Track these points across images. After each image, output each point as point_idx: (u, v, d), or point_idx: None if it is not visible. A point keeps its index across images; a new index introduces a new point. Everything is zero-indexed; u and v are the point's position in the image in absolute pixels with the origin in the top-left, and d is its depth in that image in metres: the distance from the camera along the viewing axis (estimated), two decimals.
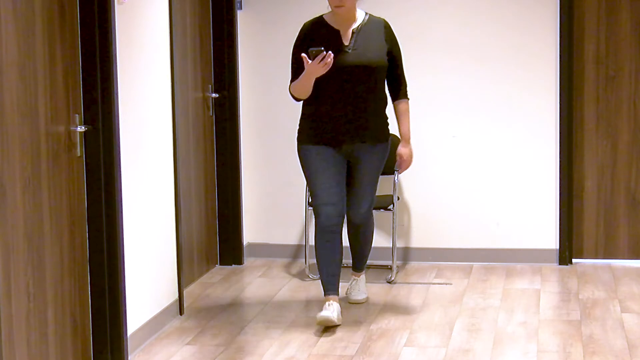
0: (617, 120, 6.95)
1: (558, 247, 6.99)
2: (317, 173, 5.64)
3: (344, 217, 5.71)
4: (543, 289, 6.39)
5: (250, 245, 7.23)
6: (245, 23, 7.06)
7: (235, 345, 5.33)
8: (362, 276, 6.19)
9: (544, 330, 5.55)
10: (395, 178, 6.68)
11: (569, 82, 6.87)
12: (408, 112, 5.81)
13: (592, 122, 6.97)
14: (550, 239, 7.00)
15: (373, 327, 5.64)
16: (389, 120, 5.77)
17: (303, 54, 5.34)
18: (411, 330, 5.57)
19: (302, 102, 5.66)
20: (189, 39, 6.45)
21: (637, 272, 6.77)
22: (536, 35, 6.88)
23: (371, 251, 6.14)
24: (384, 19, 5.69)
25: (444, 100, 7.00)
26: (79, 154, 4.71)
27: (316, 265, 5.79)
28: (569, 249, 6.99)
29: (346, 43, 5.56)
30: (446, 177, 7.05)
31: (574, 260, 7.02)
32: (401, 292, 6.37)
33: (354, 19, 5.61)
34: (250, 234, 7.24)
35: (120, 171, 4.87)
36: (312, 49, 5.28)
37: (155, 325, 5.48)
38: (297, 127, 5.74)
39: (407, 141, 5.82)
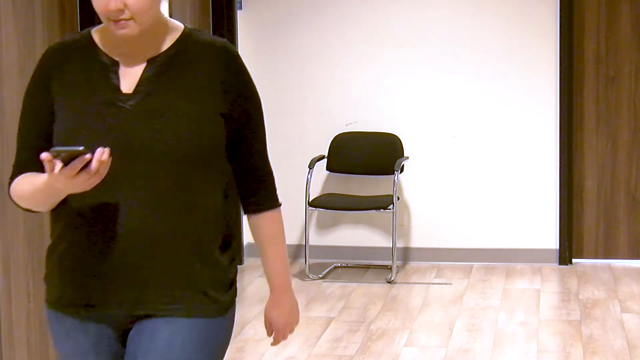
0: (617, 120, 6.95)
1: (558, 247, 6.99)
2: None
3: None
4: (543, 289, 6.39)
5: (250, 245, 7.23)
6: (245, 23, 7.07)
7: (235, 345, 5.33)
8: None
9: (544, 330, 5.55)
10: (395, 178, 6.67)
11: (569, 82, 6.87)
12: (281, 235, 2.77)
13: (592, 122, 6.97)
14: (550, 239, 7.00)
15: (373, 327, 5.64)
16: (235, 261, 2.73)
17: (44, 155, 2.25)
18: (411, 330, 5.57)
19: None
20: None
21: (637, 272, 6.77)
22: (536, 35, 6.88)
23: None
24: (224, 44, 2.54)
25: (444, 100, 7.00)
26: None
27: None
28: (569, 249, 6.99)
29: (126, 90, 2.46)
30: (446, 177, 7.05)
31: (574, 260, 7.02)
32: (401, 292, 6.37)
33: (155, 42, 2.49)
34: (250, 234, 7.22)
35: None
36: (58, 149, 2.25)
37: None
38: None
39: (283, 293, 2.73)
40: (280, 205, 2.75)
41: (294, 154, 7.07)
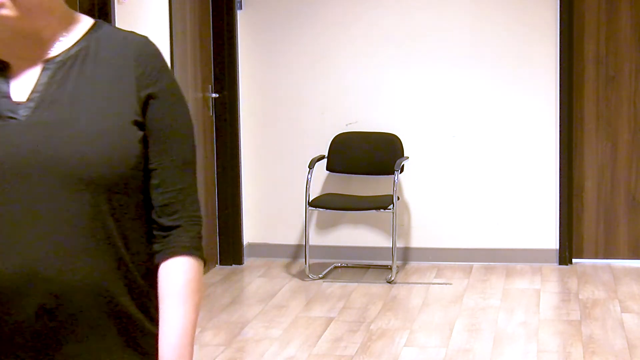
0: (617, 120, 6.95)
1: (558, 247, 6.99)
2: None
3: None
4: (543, 289, 6.39)
5: (250, 245, 7.24)
6: (245, 23, 7.06)
7: (235, 345, 5.33)
8: None
9: (544, 330, 5.55)
10: (395, 178, 6.67)
11: (569, 82, 6.87)
12: (188, 292, 1.95)
13: (592, 122, 6.97)
14: (550, 239, 7.00)
15: (373, 327, 5.64)
16: None
17: None
18: (411, 330, 5.58)
19: None
20: (189, 39, 6.45)
21: (637, 272, 6.77)
22: (536, 35, 6.88)
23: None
24: (141, 39, 2.02)
25: (444, 100, 7.00)
26: None
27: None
28: (569, 249, 6.99)
29: (18, 98, 1.94)
30: (446, 177, 7.05)
31: (574, 260, 7.02)
32: (401, 292, 6.37)
33: (54, 38, 1.98)
34: (250, 234, 7.24)
35: None
36: None
37: None
38: None
39: None
40: (200, 257, 1.99)
41: (294, 154, 7.07)
